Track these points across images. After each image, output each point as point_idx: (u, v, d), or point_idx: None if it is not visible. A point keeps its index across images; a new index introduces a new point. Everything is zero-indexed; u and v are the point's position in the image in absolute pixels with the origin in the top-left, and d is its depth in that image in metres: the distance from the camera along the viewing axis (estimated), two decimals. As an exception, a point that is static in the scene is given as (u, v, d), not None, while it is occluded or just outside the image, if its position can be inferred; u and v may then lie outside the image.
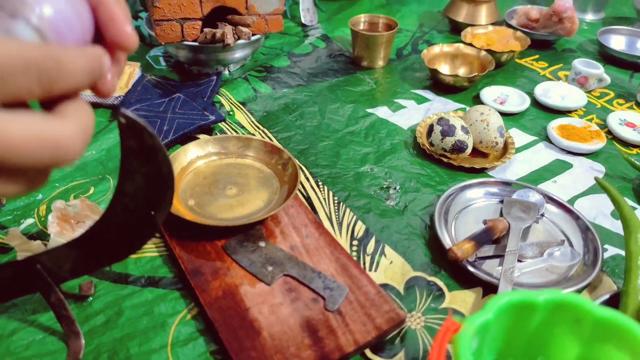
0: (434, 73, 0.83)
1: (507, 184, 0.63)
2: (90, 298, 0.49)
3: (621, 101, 0.84)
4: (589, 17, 1.14)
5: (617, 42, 0.99)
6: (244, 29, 0.75)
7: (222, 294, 0.48)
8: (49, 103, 0.24)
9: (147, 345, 0.45)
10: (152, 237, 0.43)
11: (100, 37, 0.28)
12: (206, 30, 0.74)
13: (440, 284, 0.52)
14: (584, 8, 1.13)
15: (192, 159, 0.61)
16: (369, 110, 0.78)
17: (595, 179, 0.59)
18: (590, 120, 0.78)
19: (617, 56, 0.93)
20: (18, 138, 0.21)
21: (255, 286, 0.49)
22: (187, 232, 0.53)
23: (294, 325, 0.46)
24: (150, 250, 0.54)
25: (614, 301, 0.49)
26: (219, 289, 0.48)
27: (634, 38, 0.99)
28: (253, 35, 0.78)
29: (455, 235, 0.57)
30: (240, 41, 0.76)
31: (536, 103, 0.81)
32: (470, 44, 0.89)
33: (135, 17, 0.94)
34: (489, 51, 0.87)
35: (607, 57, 0.95)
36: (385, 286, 0.51)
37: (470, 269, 0.52)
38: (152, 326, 0.46)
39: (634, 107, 0.82)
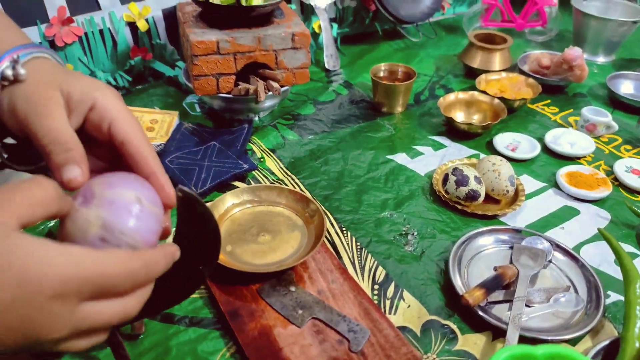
0: (450, 120, 0.89)
1: (517, 231, 0.69)
2: (141, 336, 0.55)
3: (628, 147, 0.88)
4: (600, 59, 1.19)
5: (626, 87, 1.04)
6: (274, 84, 0.83)
7: (258, 334, 0.54)
8: None
9: (193, 381, 0.51)
10: (199, 288, 0.49)
11: None
12: (240, 86, 0.82)
13: (454, 327, 0.57)
14: (594, 51, 1.18)
15: (228, 207, 0.68)
16: (389, 157, 0.84)
17: (598, 229, 0.64)
18: (598, 167, 0.83)
19: (625, 101, 0.98)
20: None
21: (287, 328, 0.55)
22: (225, 276, 0.59)
23: (322, 365, 0.51)
24: (193, 292, 0.60)
25: (614, 346, 0.54)
26: (255, 330, 0.54)
27: (642, 83, 1.04)
28: (281, 86, 0.85)
29: (468, 280, 0.63)
30: (270, 93, 0.83)
31: (546, 149, 0.86)
32: (484, 92, 0.95)
33: (173, 66, 1.03)
34: (501, 99, 0.93)
35: (616, 102, 1.00)
36: (403, 328, 0.57)
37: (481, 313, 0.57)
38: (196, 363, 0.52)
39: (641, 153, 0.87)
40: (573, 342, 0.56)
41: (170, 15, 1.00)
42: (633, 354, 0.51)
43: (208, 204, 0.66)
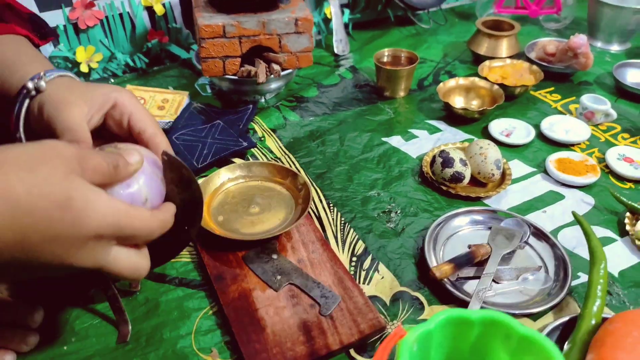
0: (447, 105, 0.91)
1: (495, 212, 0.71)
2: (138, 292, 0.61)
3: (626, 135, 0.89)
4: (614, 48, 1.18)
5: (634, 75, 1.03)
6: (276, 67, 0.87)
7: (238, 296, 0.59)
8: None
9: (176, 332, 0.57)
10: (186, 246, 0.55)
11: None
12: (242, 68, 0.86)
13: (422, 298, 0.61)
14: (608, 39, 1.17)
15: (223, 181, 0.73)
16: (384, 139, 0.87)
17: (573, 212, 0.66)
18: (591, 154, 0.84)
19: (630, 90, 0.98)
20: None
21: (265, 291, 0.60)
22: (215, 244, 0.65)
23: (293, 325, 0.56)
24: (185, 256, 0.66)
25: (573, 323, 0.56)
26: (235, 292, 0.60)
27: (651, 72, 1.03)
28: (283, 70, 0.90)
29: (443, 257, 0.66)
30: (272, 77, 0.87)
31: (542, 136, 0.88)
32: (485, 78, 0.97)
33: (187, 49, 1.08)
34: (502, 85, 0.94)
35: (621, 91, 1.00)
36: (374, 298, 0.61)
37: (449, 287, 0.61)
38: (181, 317, 0.58)
39: (639, 142, 0.87)
40: (534, 317, 0.59)
41: (186, 0, 1.06)
42: (588, 330, 0.54)
43: (205, 178, 0.72)
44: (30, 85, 0.50)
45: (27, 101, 0.50)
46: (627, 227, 0.69)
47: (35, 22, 0.60)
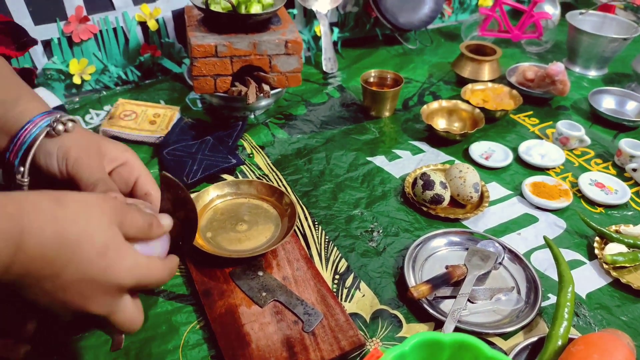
0: (430, 127, 0.95)
1: (471, 234, 0.75)
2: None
3: (599, 161, 0.93)
4: (592, 73, 1.23)
5: (608, 102, 1.08)
6: (265, 87, 0.90)
7: (225, 311, 0.62)
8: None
9: (164, 346, 0.59)
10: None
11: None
12: (233, 88, 0.89)
13: (401, 316, 0.64)
14: (586, 65, 1.22)
15: (212, 198, 0.75)
16: (369, 159, 0.91)
17: (544, 237, 0.70)
18: (565, 178, 0.88)
19: (604, 117, 1.02)
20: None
21: (250, 307, 0.62)
22: (203, 260, 0.67)
23: (277, 341, 0.59)
24: (174, 271, 0.68)
25: (541, 343, 0.60)
26: (222, 307, 0.62)
27: (624, 99, 1.08)
28: (273, 89, 0.93)
29: (422, 276, 0.69)
30: (262, 96, 0.90)
31: (519, 159, 0.92)
32: (467, 101, 1.01)
33: (179, 63, 1.11)
34: (483, 109, 0.98)
35: (596, 117, 1.05)
36: (355, 315, 0.64)
37: (426, 306, 0.64)
38: (169, 331, 0.60)
39: (610, 167, 0.92)
40: (505, 337, 0.62)
41: (179, 16, 1.08)
42: (554, 350, 0.58)
43: (194, 194, 0.74)
44: (44, 122, 0.52)
45: (40, 138, 0.52)
46: (596, 251, 0.73)
47: (14, 31, 0.61)
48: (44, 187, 0.54)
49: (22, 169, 0.53)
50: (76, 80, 1.01)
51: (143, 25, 1.05)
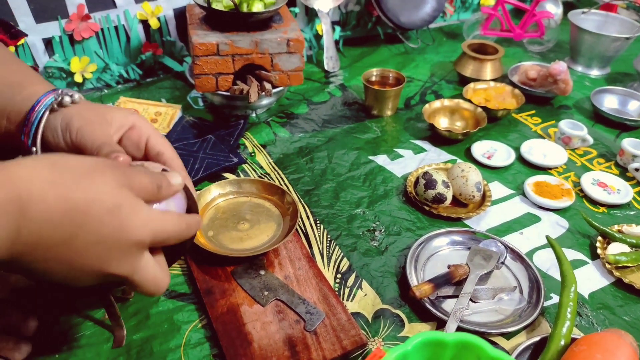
0: (432, 126, 0.94)
1: (474, 234, 0.75)
2: (130, 299, 0.63)
3: (601, 160, 0.93)
4: (594, 72, 1.22)
5: (611, 101, 1.08)
6: (267, 86, 0.90)
7: (226, 310, 0.62)
8: None
9: (166, 345, 0.59)
10: (180, 258, 0.57)
11: None
12: (235, 86, 0.89)
13: (403, 316, 0.64)
14: (588, 64, 1.22)
15: (214, 196, 0.75)
16: (371, 158, 0.91)
17: (546, 236, 0.70)
18: (567, 178, 0.88)
19: (606, 116, 1.02)
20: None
21: (252, 306, 0.62)
22: (205, 258, 0.67)
23: (279, 340, 0.59)
24: (176, 269, 0.68)
25: (544, 343, 0.60)
26: (224, 306, 0.62)
27: (627, 98, 1.08)
28: (274, 88, 0.92)
29: (424, 275, 0.69)
30: (263, 95, 0.90)
31: (521, 158, 0.92)
32: (469, 100, 1.00)
33: (181, 61, 1.11)
34: (485, 108, 0.98)
35: (598, 116, 1.04)
36: (357, 314, 0.64)
37: (428, 306, 0.64)
38: (171, 330, 0.60)
39: (613, 167, 0.91)
40: (508, 336, 0.62)
41: (181, 14, 1.08)
42: (557, 350, 0.57)
43: (196, 193, 0.74)
44: (49, 100, 0.52)
45: (46, 115, 0.51)
46: (599, 251, 0.73)
47: (3, 22, 0.61)
48: None
49: (34, 149, 0.52)
50: (77, 78, 1.01)
51: (144, 23, 1.05)
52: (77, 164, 0.40)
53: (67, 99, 0.52)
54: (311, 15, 1.22)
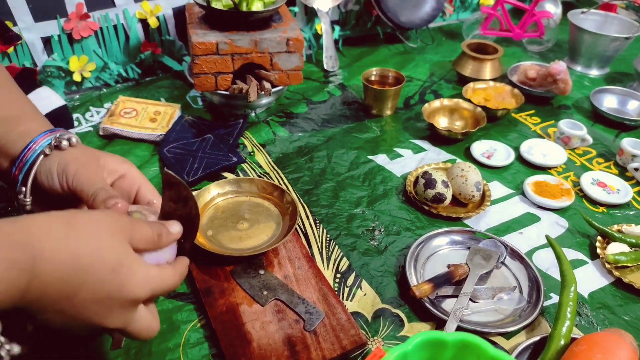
0: (432, 126, 0.94)
1: (473, 233, 0.74)
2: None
3: (601, 160, 0.93)
4: (594, 72, 1.22)
5: (610, 101, 1.08)
6: (267, 85, 0.89)
7: (226, 309, 0.62)
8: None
9: (165, 344, 0.59)
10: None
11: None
12: (234, 86, 0.89)
13: (402, 315, 0.64)
14: (588, 64, 1.22)
15: (213, 196, 0.75)
16: (370, 157, 0.90)
17: (546, 236, 0.70)
18: (567, 177, 0.88)
19: (606, 116, 1.02)
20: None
21: (252, 306, 0.62)
22: (204, 258, 0.67)
23: (278, 340, 0.58)
24: (174, 269, 0.68)
25: (543, 342, 0.60)
26: (223, 306, 0.62)
27: (626, 98, 1.08)
28: (274, 87, 0.92)
29: (423, 275, 0.69)
30: (263, 94, 0.90)
31: (521, 158, 0.92)
32: (469, 100, 1.00)
33: (180, 61, 1.10)
34: (484, 107, 0.98)
35: (598, 116, 1.04)
36: (356, 314, 0.64)
37: (427, 305, 0.63)
38: (170, 330, 0.60)
39: (612, 166, 0.91)
40: (508, 336, 0.62)
41: (180, 13, 1.08)
42: (557, 350, 0.57)
43: (195, 192, 0.74)
44: (45, 141, 0.52)
45: (40, 158, 0.52)
46: (598, 250, 0.73)
47: None
48: (47, 205, 0.54)
49: (24, 189, 0.53)
50: (76, 77, 1.01)
51: (144, 22, 1.05)
52: (89, 219, 0.42)
53: (64, 142, 0.53)
54: (311, 14, 1.22)
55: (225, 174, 0.84)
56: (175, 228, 0.49)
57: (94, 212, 0.43)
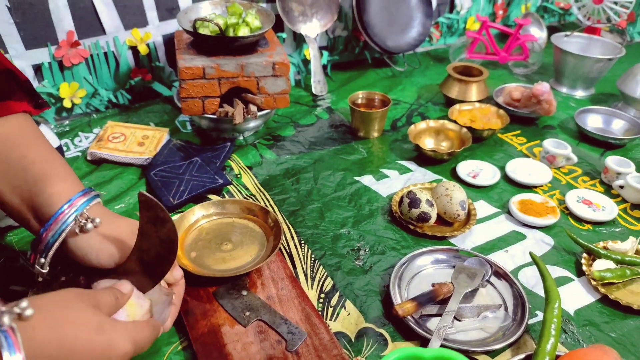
0: (418, 147, 0.95)
1: (457, 252, 0.74)
2: None
3: (586, 178, 0.93)
4: (579, 93, 1.24)
5: (595, 121, 1.09)
6: (253, 108, 0.91)
7: (207, 331, 0.61)
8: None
9: (145, 368, 0.58)
10: (161, 280, 0.56)
11: None
12: (220, 109, 0.90)
13: (386, 335, 0.63)
14: (573, 85, 1.24)
15: (197, 218, 0.75)
16: (356, 178, 0.91)
17: (530, 253, 0.70)
18: (552, 196, 0.88)
19: (591, 135, 1.03)
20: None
21: (233, 327, 0.62)
22: (186, 279, 0.66)
23: (259, 361, 0.58)
24: (157, 291, 0.67)
25: (528, 360, 0.59)
26: (205, 327, 0.61)
27: (610, 117, 1.09)
28: (260, 111, 0.93)
29: (408, 294, 0.69)
30: (249, 117, 0.91)
31: (507, 177, 0.92)
32: (455, 121, 1.01)
33: (170, 86, 1.12)
34: (470, 128, 0.99)
35: (583, 136, 1.05)
36: (340, 334, 0.63)
37: (411, 324, 0.63)
38: (150, 352, 0.59)
39: (597, 184, 0.92)
40: (493, 354, 0.61)
41: (170, 41, 1.10)
42: (541, 367, 0.56)
43: (179, 214, 0.74)
44: (71, 221, 0.53)
45: (63, 236, 0.53)
46: (584, 267, 0.73)
47: (31, 91, 0.62)
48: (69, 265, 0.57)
49: (42, 260, 0.54)
50: (67, 103, 1.02)
51: (134, 49, 1.07)
52: (54, 298, 0.44)
53: (89, 225, 0.54)
54: (299, 40, 1.24)
55: (211, 197, 0.84)
56: (126, 287, 0.52)
57: (56, 293, 0.45)
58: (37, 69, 0.99)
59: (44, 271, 0.54)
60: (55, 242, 0.53)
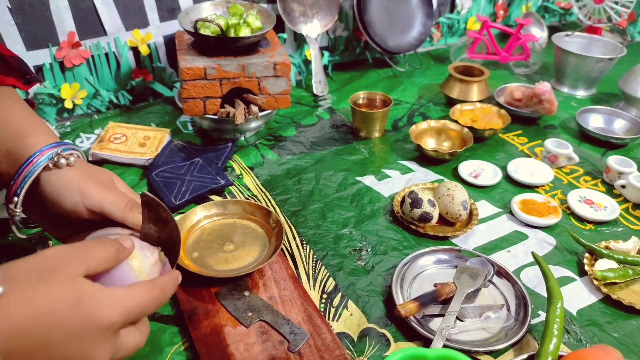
0: (419, 147, 0.95)
1: (459, 252, 0.74)
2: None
3: (588, 178, 0.93)
4: (580, 93, 1.24)
5: (596, 120, 1.09)
6: (254, 108, 0.90)
7: (210, 331, 0.61)
8: None
9: (147, 368, 0.58)
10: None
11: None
12: (222, 110, 0.90)
13: (389, 335, 0.63)
14: (574, 85, 1.24)
15: (199, 218, 0.75)
16: (358, 178, 0.91)
17: (532, 253, 0.69)
18: (554, 196, 0.88)
19: (592, 135, 1.03)
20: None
21: (236, 327, 0.62)
22: (189, 279, 0.66)
23: (262, 362, 0.58)
24: (159, 292, 0.67)
25: (531, 360, 0.59)
26: (207, 327, 0.61)
27: (612, 117, 1.09)
28: (262, 111, 0.93)
29: (410, 294, 0.69)
30: (250, 117, 0.91)
31: (508, 177, 0.92)
32: (456, 121, 1.01)
33: (171, 87, 1.12)
34: (471, 128, 0.99)
35: (584, 135, 1.05)
36: (342, 334, 0.63)
37: (413, 324, 0.63)
38: (153, 352, 0.59)
39: (599, 184, 0.92)
40: (495, 355, 0.61)
41: (171, 41, 1.10)
42: (544, 367, 0.56)
43: (181, 215, 0.74)
44: (48, 159, 0.53)
45: (37, 171, 0.52)
46: (586, 267, 0.73)
47: (20, 66, 0.62)
48: (42, 214, 0.55)
49: (15, 199, 0.53)
50: (68, 104, 1.02)
51: (135, 50, 1.07)
52: (28, 269, 0.40)
53: (62, 161, 0.53)
54: (300, 41, 1.24)
55: (213, 197, 0.84)
56: (127, 242, 0.48)
57: (30, 259, 0.41)
58: (38, 69, 0.99)
59: (17, 211, 0.53)
60: (29, 179, 0.52)
